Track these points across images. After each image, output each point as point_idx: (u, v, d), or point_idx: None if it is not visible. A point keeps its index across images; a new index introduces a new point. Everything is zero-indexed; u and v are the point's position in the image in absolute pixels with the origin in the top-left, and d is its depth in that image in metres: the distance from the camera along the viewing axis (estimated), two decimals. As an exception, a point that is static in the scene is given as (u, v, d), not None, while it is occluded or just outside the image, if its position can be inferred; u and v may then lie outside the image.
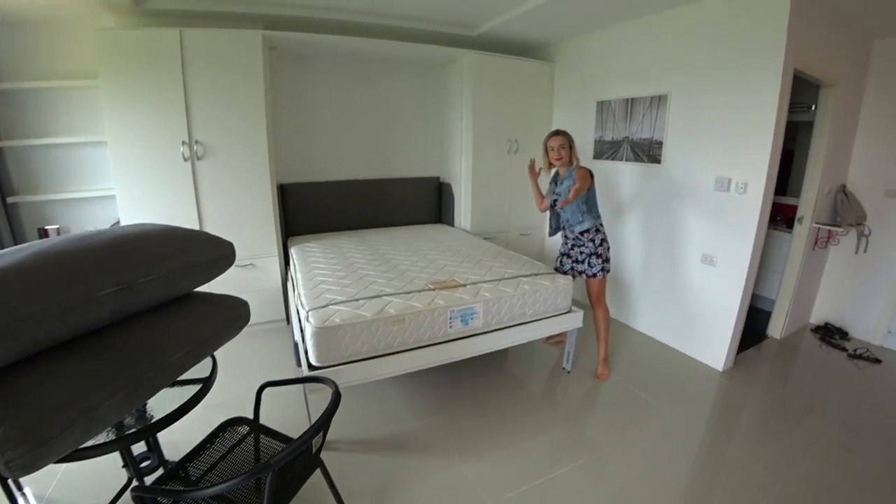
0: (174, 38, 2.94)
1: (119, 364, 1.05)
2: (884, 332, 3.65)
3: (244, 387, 2.15)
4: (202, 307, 1.40)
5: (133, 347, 1.12)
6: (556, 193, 2.86)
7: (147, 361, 1.10)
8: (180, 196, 3.16)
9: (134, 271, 1.13)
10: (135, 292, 1.13)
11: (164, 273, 1.22)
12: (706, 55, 3.00)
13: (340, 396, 1.47)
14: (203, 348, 1.32)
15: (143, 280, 1.14)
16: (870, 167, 3.65)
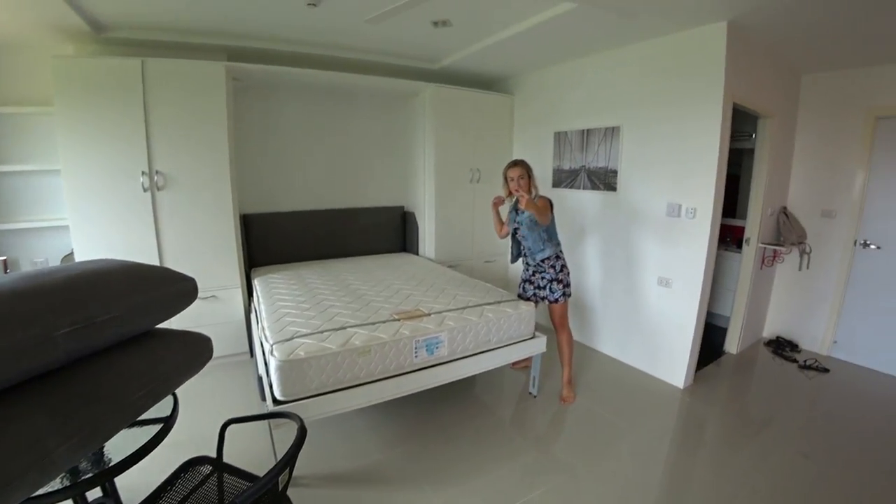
0: (136, 68, 2.92)
1: (75, 406, 1.01)
2: (830, 342, 3.87)
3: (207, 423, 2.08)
4: (163, 344, 1.36)
5: (90, 388, 1.07)
6: (516, 222, 2.95)
7: (105, 403, 1.06)
8: (139, 227, 3.08)
9: (92, 310, 1.09)
10: (92, 332, 1.09)
11: (123, 311, 1.18)
12: (654, 90, 3.20)
13: (306, 432, 1.44)
14: (164, 387, 1.28)
15: (101, 319, 1.11)
16: (807, 190, 3.93)
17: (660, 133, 3.18)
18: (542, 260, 2.88)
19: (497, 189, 3.03)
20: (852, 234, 3.70)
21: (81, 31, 2.90)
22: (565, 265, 2.93)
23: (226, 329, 3.41)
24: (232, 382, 3.13)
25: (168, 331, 1.44)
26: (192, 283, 1.44)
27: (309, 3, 2.67)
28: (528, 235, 2.87)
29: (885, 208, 3.56)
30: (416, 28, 3.14)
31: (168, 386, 1.30)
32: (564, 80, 3.96)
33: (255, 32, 3.22)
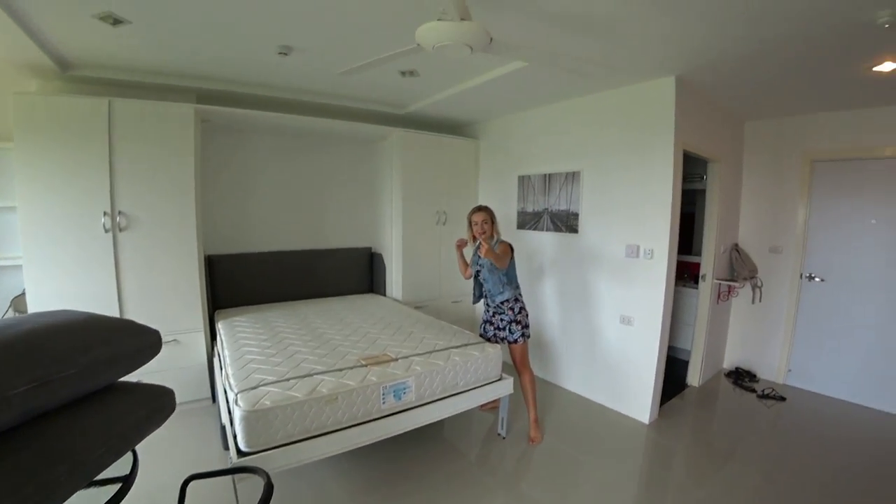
0: (102, 108, 2.89)
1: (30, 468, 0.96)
2: (785, 371, 4.05)
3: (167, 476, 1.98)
4: (123, 399, 1.31)
5: (46, 448, 1.02)
6: (478, 265, 3.03)
7: (61, 463, 1.01)
8: (98, 268, 2.97)
9: (49, 367, 1.05)
10: (49, 390, 1.04)
11: (82, 368, 1.14)
12: (611, 137, 3.39)
13: (273, 488, 1.41)
14: (124, 444, 1.23)
15: (58, 376, 1.07)
16: (755, 227, 4.19)
17: (617, 178, 3.36)
18: (501, 302, 2.96)
19: (463, 231, 3.12)
20: (798, 268, 3.95)
21: (46, 68, 2.87)
22: (524, 307, 3.02)
23: (187, 374, 3.29)
24: (193, 430, 3.00)
25: (129, 384, 1.40)
26: (155, 336, 1.41)
27: (280, 52, 2.75)
28: (488, 278, 2.96)
29: (825, 243, 3.83)
30: (384, 77, 3.26)
31: (128, 442, 1.26)
32: (527, 127, 4.15)
33: (225, 76, 3.27)
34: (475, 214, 2.95)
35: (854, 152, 3.62)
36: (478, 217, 2.93)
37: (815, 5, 1.98)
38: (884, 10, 1.95)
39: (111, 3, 2.11)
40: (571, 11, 2.14)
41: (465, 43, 1.74)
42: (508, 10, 2.11)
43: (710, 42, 2.46)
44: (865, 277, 3.63)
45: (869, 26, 2.09)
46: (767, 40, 2.38)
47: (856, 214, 3.67)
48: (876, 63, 2.59)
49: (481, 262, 3.00)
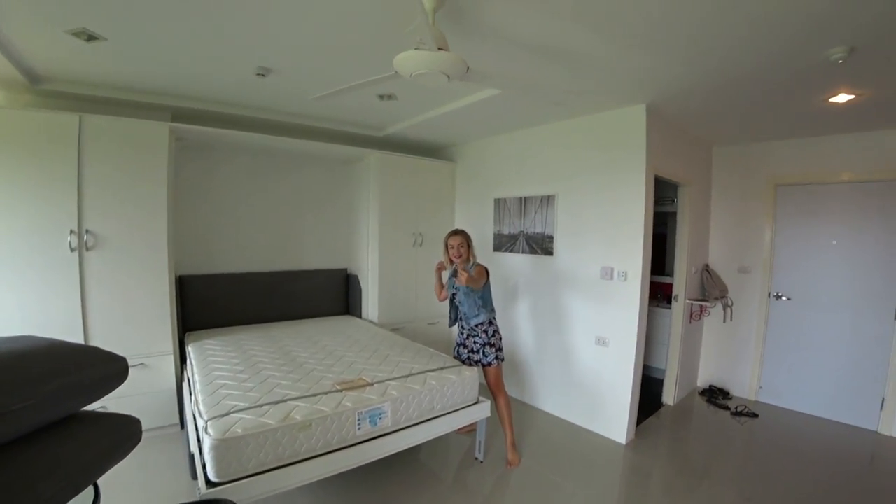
0: (72, 123, 2.82)
1: None
2: (756, 388, 4.16)
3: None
4: (86, 429, 1.24)
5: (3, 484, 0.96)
6: (454, 288, 3.05)
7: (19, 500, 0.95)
8: (62, 288, 2.86)
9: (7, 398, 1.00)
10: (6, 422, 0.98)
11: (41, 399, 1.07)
12: (585, 161, 3.48)
13: None
14: (85, 477, 1.16)
15: (14, 409, 1.01)
16: (724, 249, 4.33)
17: (591, 201, 3.43)
18: (475, 325, 2.98)
19: (439, 254, 3.15)
20: (766, 287, 4.08)
21: (15, 81, 2.79)
22: (497, 331, 3.04)
23: (155, 399, 3.17)
24: (160, 459, 2.87)
25: (92, 413, 1.33)
26: (122, 364, 1.35)
27: (258, 74, 2.74)
28: (464, 301, 2.98)
29: (790, 264, 3.99)
30: (363, 99, 3.29)
31: (90, 476, 1.19)
32: (503, 150, 4.22)
33: (202, 95, 3.24)
34: (451, 238, 2.99)
35: (814, 177, 3.81)
36: (453, 241, 2.97)
37: (774, 44, 2.11)
38: (836, 47, 2.08)
39: (86, 20, 2.08)
40: (546, 44, 2.22)
41: (441, 71, 1.77)
42: (484, 40, 2.17)
43: (677, 75, 2.58)
44: (829, 296, 3.79)
45: (824, 62, 2.23)
46: (730, 74, 2.51)
47: (818, 236, 3.84)
48: (832, 95, 2.76)
49: (457, 286, 3.02)
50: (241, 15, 2.02)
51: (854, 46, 2.07)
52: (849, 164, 3.63)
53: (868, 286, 3.60)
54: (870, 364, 3.57)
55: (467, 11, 1.91)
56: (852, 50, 2.09)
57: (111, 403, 1.95)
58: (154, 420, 3.18)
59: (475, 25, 2.03)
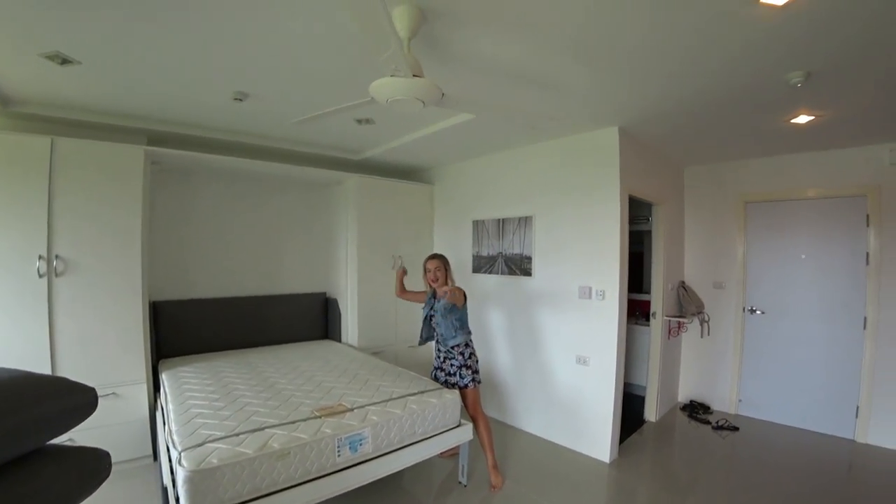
0: (44, 146, 2.76)
1: None
2: (736, 401, 4.22)
3: None
4: (52, 465, 1.18)
5: None
6: (433, 309, 3.09)
7: None
8: (28, 315, 2.75)
9: None
10: None
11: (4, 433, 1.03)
12: (561, 183, 3.55)
13: None
14: None
15: None
16: (699, 265, 4.44)
17: (568, 221, 3.50)
18: (452, 346, 3.00)
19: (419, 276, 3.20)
20: (741, 301, 4.19)
21: (-15, 102, 2.75)
22: (474, 353, 3.06)
23: (126, 430, 3.04)
24: (131, 493, 2.74)
25: (59, 448, 1.27)
26: (90, 395, 1.30)
27: (236, 98, 2.75)
28: (441, 322, 3.01)
29: (762, 278, 4.11)
30: (341, 124, 3.33)
31: None
32: (480, 173, 4.29)
33: (179, 119, 3.22)
34: (428, 261, 3.08)
35: (781, 194, 3.96)
36: (430, 264, 3.06)
37: (737, 70, 2.23)
38: (794, 71, 2.21)
39: (60, 43, 2.06)
40: (518, 71, 2.29)
41: (417, 97, 1.81)
42: (458, 67, 2.23)
43: (647, 100, 2.69)
44: (800, 308, 3.91)
45: (783, 86, 2.36)
46: (697, 99, 2.63)
47: (787, 250, 3.98)
48: (793, 116, 2.91)
49: (435, 308, 3.06)
50: (217, 39, 2.04)
51: (810, 71, 2.19)
52: (813, 180, 3.80)
53: (836, 297, 3.73)
54: (843, 373, 3.68)
55: (441, 39, 1.97)
56: (809, 74, 2.22)
57: (79, 436, 1.87)
58: (125, 452, 3.05)
59: (449, 53, 2.09)
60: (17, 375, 1.21)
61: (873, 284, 3.53)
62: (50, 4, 1.73)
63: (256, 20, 1.85)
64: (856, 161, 3.59)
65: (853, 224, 3.65)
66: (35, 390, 1.19)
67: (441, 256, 3.09)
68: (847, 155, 3.63)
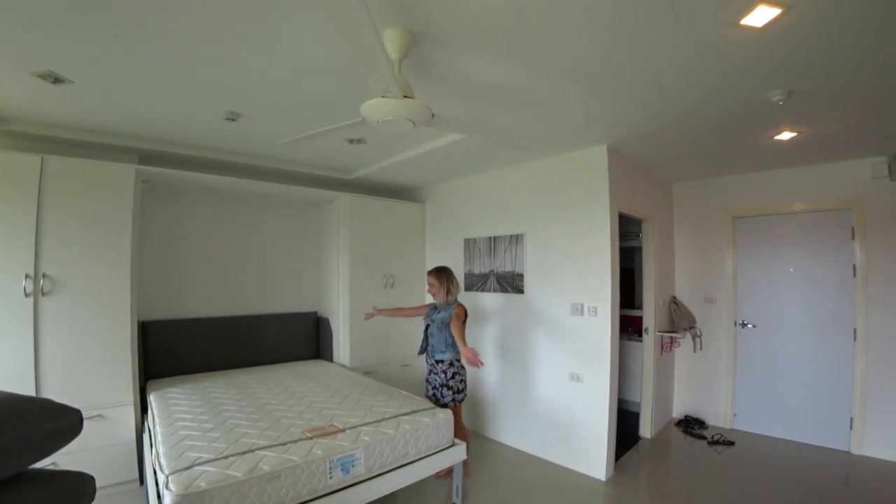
0: (34, 165, 2.74)
1: None
2: (730, 416, 4.21)
3: None
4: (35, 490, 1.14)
5: None
6: (431, 319, 3.16)
7: None
8: (12, 334, 2.69)
9: None
10: None
11: None
12: (552, 200, 3.59)
13: None
14: None
15: None
16: (690, 280, 4.47)
17: (559, 239, 3.52)
18: (437, 361, 3.09)
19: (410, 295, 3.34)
20: (732, 316, 4.22)
21: (-25, 120, 2.75)
22: (458, 372, 3.11)
23: (112, 453, 2.97)
24: (114, 520, 2.68)
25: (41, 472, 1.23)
26: (76, 417, 1.26)
27: (227, 118, 2.77)
28: (435, 334, 3.10)
29: (753, 292, 4.15)
30: (332, 144, 3.36)
31: None
32: (471, 191, 4.32)
33: (170, 138, 3.24)
34: (428, 276, 3.24)
35: (768, 209, 4.03)
36: (428, 279, 3.20)
37: (720, 90, 2.30)
38: (775, 90, 2.28)
39: (52, 63, 2.08)
40: (507, 92, 2.33)
41: (407, 118, 1.83)
42: (448, 88, 2.28)
43: (634, 119, 2.75)
44: (791, 321, 3.94)
45: (766, 103, 2.42)
46: (682, 117, 2.69)
47: (776, 264, 4.03)
48: (776, 133, 2.98)
49: (433, 318, 3.12)
50: (209, 60, 2.06)
51: (791, 89, 2.26)
52: (799, 195, 3.87)
53: (826, 309, 3.77)
54: (835, 385, 3.69)
55: (431, 61, 2.00)
56: (790, 92, 2.28)
57: (63, 459, 1.83)
58: (111, 476, 2.96)
59: (439, 74, 2.13)
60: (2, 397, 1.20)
61: (861, 296, 3.57)
62: (43, 24, 1.75)
63: (248, 41, 1.88)
64: (839, 175, 3.68)
65: (839, 237, 3.71)
66: (18, 412, 1.16)
67: (437, 270, 3.18)
68: (830, 170, 3.71)
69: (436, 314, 3.15)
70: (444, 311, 3.11)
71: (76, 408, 1.27)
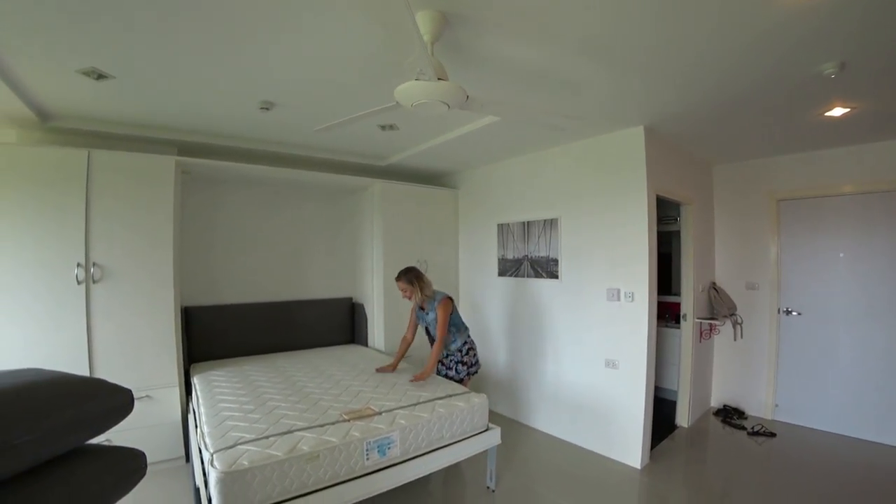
0: (81, 159, 2.87)
1: None
2: (772, 406, 4.05)
3: None
4: (89, 464, 1.21)
5: None
6: (426, 322, 3.28)
7: None
8: (68, 321, 2.86)
9: (10, 433, 0.98)
10: (9, 457, 0.96)
11: (44, 433, 1.05)
12: (588, 184, 3.50)
13: None
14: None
15: (18, 442, 0.99)
16: (730, 266, 4.30)
17: (595, 223, 3.44)
18: (454, 350, 3.26)
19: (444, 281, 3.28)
20: (775, 303, 4.03)
21: (27, 119, 2.88)
22: (472, 348, 3.30)
23: (160, 432, 3.13)
24: (165, 493, 2.81)
25: (96, 447, 1.30)
26: (127, 396, 1.33)
27: (262, 108, 2.81)
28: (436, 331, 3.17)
29: (798, 278, 3.95)
30: (365, 131, 3.36)
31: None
32: (505, 176, 4.26)
33: (207, 129, 3.32)
34: (397, 283, 3.26)
35: (816, 191, 3.81)
36: (399, 285, 3.24)
37: (768, 62, 2.15)
38: (828, 62, 2.12)
39: (95, 59, 2.15)
40: (544, 72, 2.27)
41: (441, 101, 1.81)
42: (482, 69, 2.23)
43: (674, 98, 2.63)
44: (840, 309, 3.73)
45: (817, 77, 2.27)
46: (726, 94, 2.56)
47: (824, 249, 3.82)
48: (827, 109, 2.79)
49: (426, 320, 3.26)
50: (243, 52, 2.08)
51: (844, 61, 2.11)
52: (850, 175, 3.64)
53: (879, 298, 3.55)
54: (888, 377, 3.49)
55: (465, 42, 1.96)
56: (843, 65, 2.13)
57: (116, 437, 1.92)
58: (159, 453, 3.13)
59: (473, 55, 2.09)
60: (59, 376, 1.24)
61: (921, 283, 3.35)
62: (85, 21, 1.80)
63: (283, 29, 1.89)
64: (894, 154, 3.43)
65: (894, 220, 3.47)
66: (75, 391, 1.22)
67: (402, 274, 3.24)
68: (885, 148, 3.46)
69: (426, 316, 3.24)
70: (430, 310, 3.20)
71: (128, 388, 1.32)
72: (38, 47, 2.02)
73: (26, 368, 1.35)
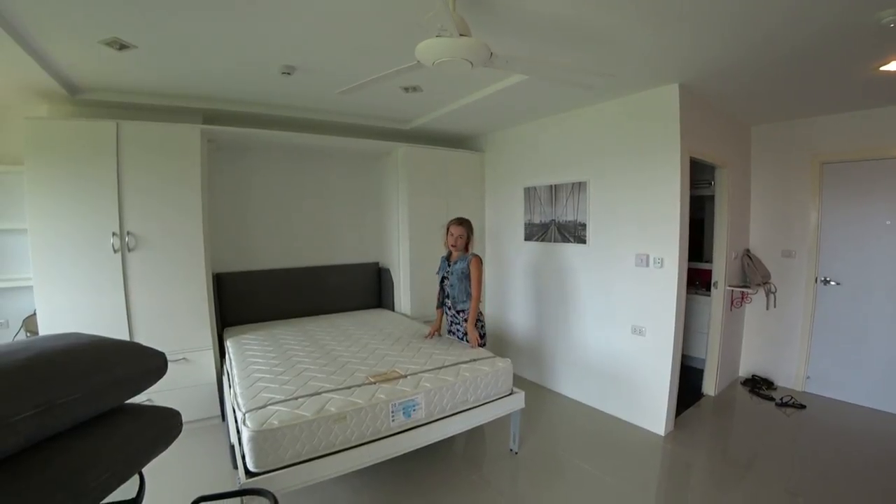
0: (110, 130, 2.93)
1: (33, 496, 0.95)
2: (803, 378, 3.95)
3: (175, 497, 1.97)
4: (129, 422, 1.29)
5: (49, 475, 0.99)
6: (448, 272, 3.21)
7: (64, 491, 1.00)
8: (107, 288, 3.00)
9: (54, 392, 1.04)
10: (54, 415, 1.03)
11: (87, 392, 1.12)
12: (617, 146, 3.37)
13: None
14: (129, 468, 1.21)
15: (63, 401, 1.06)
16: (766, 232, 4.12)
17: (624, 186, 3.33)
18: (459, 311, 3.20)
19: None
20: (812, 272, 3.87)
21: (56, 93, 2.94)
22: (478, 319, 3.19)
23: (196, 392, 3.29)
24: (202, 449, 2.98)
25: (135, 406, 1.37)
26: (161, 359, 1.39)
27: (283, 72, 2.78)
28: (455, 285, 3.16)
29: (839, 247, 3.75)
30: (388, 93, 3.29)
31: (134, 466, 1.23)
32: (531, 138, 4.14)
33: (230, 97, 3.31)
34: (454, 226, 3.17)
35: (863, 153, 3.56)
36: (455, 230, 3.15)
37: (819, 11, 1.97)
38: (887, 9, 1.93)
39: (117, 29, 2.15)
40: (572, 26, 2.14)
41: (464, 58, 1.74)
42: (507, 24, 2.12)
43: (715, 53, 2.46)
44: (883, 280, 3.54)
45: (874, 26, 2.07)
46: (773, 48, 2.37)
47: (869, 216, 3.60)
48: (883, 63, 2.56)
49: (450, 270, 3.19)
50: (263, 15, 2.04)
51: (907, 8, 1.91)
52: (903, 137, 3.38)
53: (931, 268, 3.36)
54: (932, 351, 3.34)
55: (488, -4, 1.86)
56: (905, 12, 1.93)
57: (156, 396, 2.03)
58: (197, 412, 3.30)
59: (497, 9, 1.98)
60: (98, 340, 1.30)
61: (974, 252, 3.14)
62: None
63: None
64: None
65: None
66: (112, 354, 1.27)
67: (465, 223, 3.17)
68: (948, 106, 3.20)
69: (454, 265, 3.19)
70: (461, 261, 3.15)
71: (161, 351, 1.37)
72: (60, 19, 2.02)
73: (68, 332, 1.42)
